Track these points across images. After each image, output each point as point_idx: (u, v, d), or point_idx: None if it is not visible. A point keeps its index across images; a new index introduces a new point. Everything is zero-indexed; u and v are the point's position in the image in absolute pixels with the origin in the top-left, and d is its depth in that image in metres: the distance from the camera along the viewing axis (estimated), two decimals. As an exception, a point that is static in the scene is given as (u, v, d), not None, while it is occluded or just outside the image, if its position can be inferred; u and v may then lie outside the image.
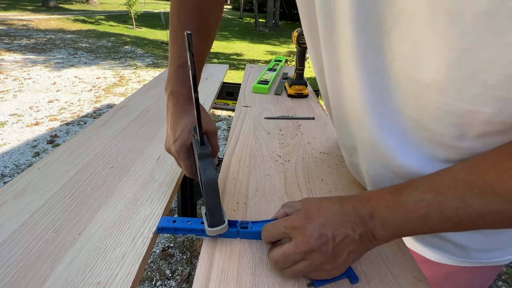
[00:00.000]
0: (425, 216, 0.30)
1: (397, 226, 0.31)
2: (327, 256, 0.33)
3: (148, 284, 1.38)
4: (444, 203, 0.29)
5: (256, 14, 12.94)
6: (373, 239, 0.33)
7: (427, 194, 0.30)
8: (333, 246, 0.32)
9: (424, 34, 0.27)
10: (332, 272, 0.34)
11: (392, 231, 0.32)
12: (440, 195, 0.29)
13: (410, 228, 0.31)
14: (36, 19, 9.45)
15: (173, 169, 0.60)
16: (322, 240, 0.32)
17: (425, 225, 0.30)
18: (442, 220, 0.29)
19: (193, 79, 0.34)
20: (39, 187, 0.52)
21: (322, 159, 0.64)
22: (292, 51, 7.44)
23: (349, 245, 0.33)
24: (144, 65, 5.33)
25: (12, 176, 2.08)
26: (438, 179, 0.31)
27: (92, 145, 0.67)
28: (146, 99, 0.97)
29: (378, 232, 0.32)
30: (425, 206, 0.30)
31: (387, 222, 0.32)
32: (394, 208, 0.31)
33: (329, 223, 0.33)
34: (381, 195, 0.34)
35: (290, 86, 1.01)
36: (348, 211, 0.34)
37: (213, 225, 0.39)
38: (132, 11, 9.60)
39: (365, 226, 0.33)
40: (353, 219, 0.33)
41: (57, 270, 0.37)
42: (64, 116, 3.03)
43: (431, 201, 0.29)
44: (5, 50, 5.44)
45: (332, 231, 0.33)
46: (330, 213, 0.34)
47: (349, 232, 0.33)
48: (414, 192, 0.31)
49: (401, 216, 0.31)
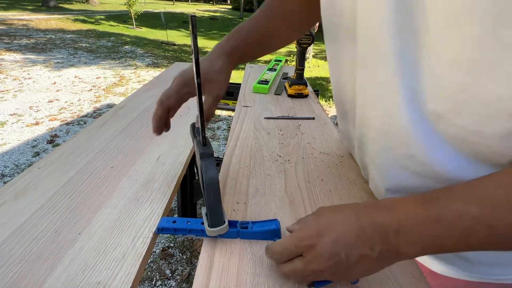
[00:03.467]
0: (466, 231, 0.25)
1: (429, 243, 0.27)
2: (339, 274, 0.31)
3: (148, 284, 1.38)
4: (494, 220, 0.25)
5: (256, 14, 12.92)
6: (395, 257, 0.29)
7: (472, 207, 0.26)
8: (346, 265, 0.30)
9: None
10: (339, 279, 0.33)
11: (422, 249, 0.28)
12: (488, 208, 0.25)
13: (442, 244, 0.27)
14: (36, 19, 9.45)
15: (173, 169, 0.60)
16: (334, 259, 0.29)
17: (463, 242, 0.26)
18: (489, 237, 0.25)
19: (196, 63, 0.34)
20: (39, 187, 0.52)
21: (322, 159, 0.64)
22: (292, 51, 7.43)
23: (365, 264, 0.30)
24: (144, 65, 5.33)
25: (12, 176, 2.08)
26: (481, 188, 0.27)
27: (92, 145, 0.67)
28: (146, 99, 0.97)
29: (404, 250, 0.28)
30: (468, 221, 0.25)
31: (416, 240, 0.27)
32: (426, 223, 0.27)
33: (342, 241, 0.30)
34: (409, 207, 0.29)
35: (290, 86, 1.02)
36: (366, 225, 0.30)
37: (213, 225, 0.39)
38: (132, 11, 9.59)
39: (387, 243, 0.28)
40: (372, 235, 0.29)
41: (57, 270, 0.37)
42: (64, 116, 3.03)
43: (476, 215, 0.25)
44: (5, 50, 5.44)
45: (345, 250, 0.29)
46: (343, 229, 0.31)
47: (367, 251, 0.29)
48: (453, 204, 0.27)
49: (435, 232, 0.27)
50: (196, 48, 0.33)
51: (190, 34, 0.32)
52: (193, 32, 0.32)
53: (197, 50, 0.33)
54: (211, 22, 15.06)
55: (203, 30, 11.71)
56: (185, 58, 6.21)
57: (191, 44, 0.33)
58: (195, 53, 0.33)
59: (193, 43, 0.32)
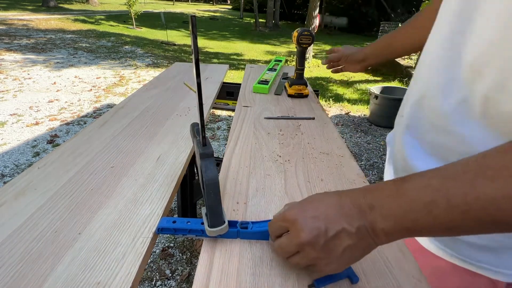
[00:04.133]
0: (429, 204, 0.27)
1: (399, 216, 0.29)
2: (319, 250, 0.31)
3: (148, 284, 1.38)
4: (452, 189, 0.26)
5: (256, 14, 12.94)
6: (373, 233, 0.30)
7: (433, 180, 0.28)
8: (326, 240, 0.31)
9: None
10: (330, 267, 0.33)
11: (393, 223, 0.29)
12: (448, 180, 0.27)
13: (413, 219, 0.28)
14: (36, 19, 9.45)
15: (173, 169, 0.60)
16: (313, 233, 0.31)
17: (429, 215, 0.27)
18: (449, 209, 0.26)
19: (196, 63, 0.34)
20: (39, 187, 0.52)
21: (322, 159, 0.64)
22: (292, 51, 7.44)
23: (345, 240, 0.31)
24: (144, 65, 5.33)
25: (12, 176, 2.08)
26: (449, 166, 0.28)
27: (92, 145, 0.67)
28: (146, 99, 0.97)
29: (379, 226, 0.30)
30: (430, 193, 0.27)
31: (388, 212, 0.29)
32: (396, 196, 0.29)
33: (323, 216, 0.32)
34: (385, 185, 0.31)
35: (290, 86, 1.01)
36: (345, 203, 0.32)
37: (213, 225, 0.39)
38: (132, 11, 9.59)
39: (364, 219, 0.30)
40: (350, 211, 0.31)
41: (57, 270, 0.37)
42: (64, 116, 3.03)
43: (437, 187, 0.27)
44: (5, 50, 5.44)
45: (325, 224, 0.31)
46: (324, 205, 0.33)
47: (345, 225, 0.31)
48: (419, 178, 0.29)
49: (403, 204, 0.28)
50: (196, 48, 0.33)
51: (190, 34, 0.32)
52: (193, 32, 0.32)
53: (197, 50, 0.33)
54: (211, 22, 15.06)
55: (203, 30, 11.72)
56: (185, 58, 6.21)
57: (191, 44, 0.33)
58: (195, 53, 0.33)
59: (193, 43, 0.33)
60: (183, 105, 0.93)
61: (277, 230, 0.37)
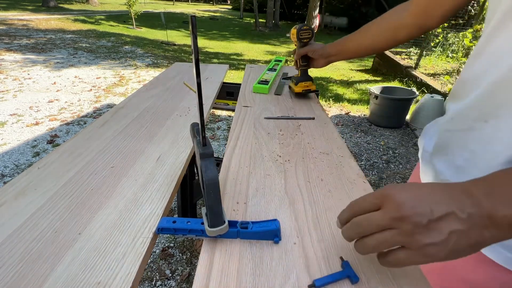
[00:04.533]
0: None
1: None
2: (421, 227, 0.26)
3: (148, 284, 1.38)
4: None
5: (256, 14, 12.93)
6: (489, 222, 0.26)
7: None
8: (430, 219, 0.26)
9: None
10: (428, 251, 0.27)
11: None
12: None
13: None
14: (36, 19, 9.45)
15: (173, 169, 0.60)
16: (416, 209, 0.27)
17: None
18: None
19: (196, 63, 0.34)
20: (39, 187, 0.52)
21: (322, 159, 0.64)
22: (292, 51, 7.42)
23: (452, 223, 0.26)
24: (144, 65, 5.33)
25: (12, 176, 2.08)
26: None
27: (92, 145, 0.67)
28: (146, 99, 0.97)
29: (500, 212, 0.25)
30: None
31: None
32: None
33: (428, 197, 0.27)
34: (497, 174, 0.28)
35: (296, 85, 1.00)
36: (454, 189, 0.28)
37: (213, 225, 0.39)
38: (132, 11, 9.59)
39: (478, 206, 0.26)
40: (460, 197, 0.27)
41: (57, 270, 0.37)
42: (64, 116, 3.03)
43: None
44: (5, 50, 5.44)
45: (431, 205, 0.27)
46: (428, 188, 0.28)
47: (454, 209, 0.26)
48: None
49: None
50: (196, 48, 0.33)
51: (190, 34, 0.33)
52: (193, 32, 0.32)
53: (197, 50, 0.33)
54: (211, 22, 15.06)
55: (203, 30, 11.71)
56: (185, 58, 6.21)
57: (191, 44, 0.33)
58: (195, 53, 0.33)
59: (193, 43, 0.33)
60: (183, 105, 0.93)
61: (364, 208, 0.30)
